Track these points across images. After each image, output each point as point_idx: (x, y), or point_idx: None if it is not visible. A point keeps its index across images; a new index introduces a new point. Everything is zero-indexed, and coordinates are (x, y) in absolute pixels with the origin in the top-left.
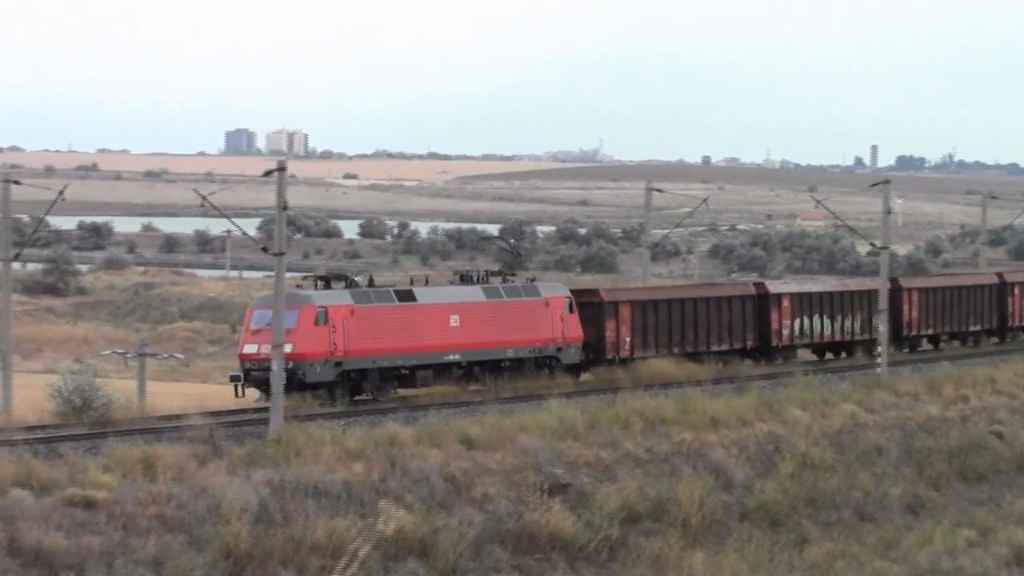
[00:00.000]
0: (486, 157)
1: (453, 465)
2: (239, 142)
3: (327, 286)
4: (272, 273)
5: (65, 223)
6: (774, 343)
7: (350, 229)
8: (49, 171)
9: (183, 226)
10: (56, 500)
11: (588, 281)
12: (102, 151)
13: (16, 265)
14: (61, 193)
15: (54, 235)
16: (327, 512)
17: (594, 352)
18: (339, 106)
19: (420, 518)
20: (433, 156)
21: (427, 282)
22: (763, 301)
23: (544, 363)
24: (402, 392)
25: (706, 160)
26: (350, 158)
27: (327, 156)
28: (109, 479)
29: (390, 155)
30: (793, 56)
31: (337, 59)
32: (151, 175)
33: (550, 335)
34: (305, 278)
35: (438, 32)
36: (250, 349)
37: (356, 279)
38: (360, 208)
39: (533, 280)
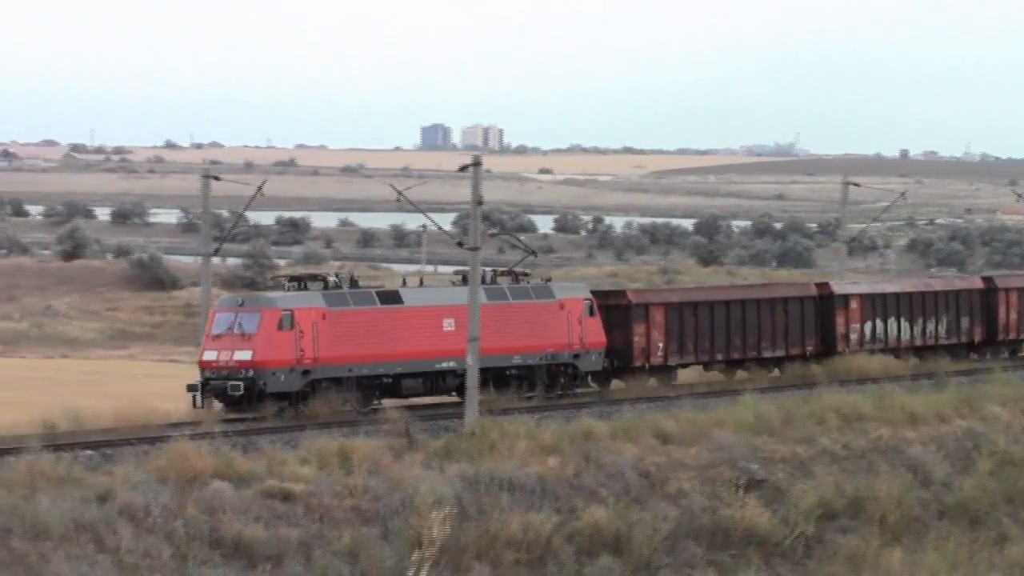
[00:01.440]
0: (681, 151)
1: (648, 460)
2: (435, 137)
3: (304, 287)
4: (467, 267)
5: (264, 218)
6: (839, 348)
7: (545, 224)
8: (248, 167)
9: (379, 221)
10: (255, 492)
11: (783, 276)
12: (300, 147)
13: (216, 260)
14: (260, 188)
15: (253, 230)
16: (521, 506)
17: (620, 359)
18: (534, 101)
19: (614, 513)
20: (628, 151)
21: (421, 283)
22: (827, 303)
23: (559, 371)
24: (390, 403)
25: (904, 154)
26: (545, 153)
27: (522, 151)
28: (307, 472)
29: (584, 150)
30: (994, 49)
31: (531, 54)
32: (348, 170)
33: (565, 340)
34: (273, 278)
35: (632, 27)
36: (209, 356)
37: (332, 279)
38: (554, 203)
39: (548, 280)
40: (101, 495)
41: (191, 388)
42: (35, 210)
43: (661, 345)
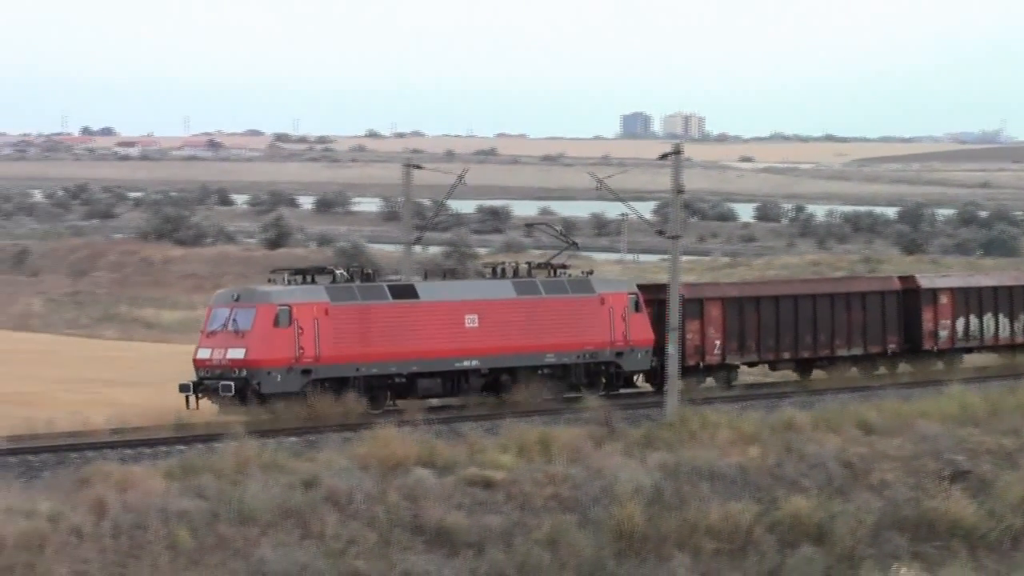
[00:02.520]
0: (884, 139)
1: (850, 450)
2: (635, 125)
3: (310, 281)
4: (667, 256)
5: (465, 207)
6: (927, 346)
7: (745, 212)
8: (449, 156)
9: (579, 209)
10: (456, 479)
11: (989, 266)
12: (501, 135)
13: (417, 248)
14: (461, 177)
15: (454, 219)
16: (722, 496)
17: None
18: (735, 89)
19: (816, 503)
20: (829, 138)
21: (445, 276)
22: (911, 297)
23: (599, 370)
24: (403, 404)
25: None
26: (746, 141)
27: (723, 139)
28: (507, 459)
29: (785, 138)
30: None
31: (733, 41)
32: (548, 159)
33: (607, 337)
34: (274, 271)
35: (834, 14)
36: (203, 354)
37: (340, 273)
38: (755, 191)
39: (590, 273)
40: (306, 481)
41: (183, 388)
42: (240, 199)
43: (718, 343)
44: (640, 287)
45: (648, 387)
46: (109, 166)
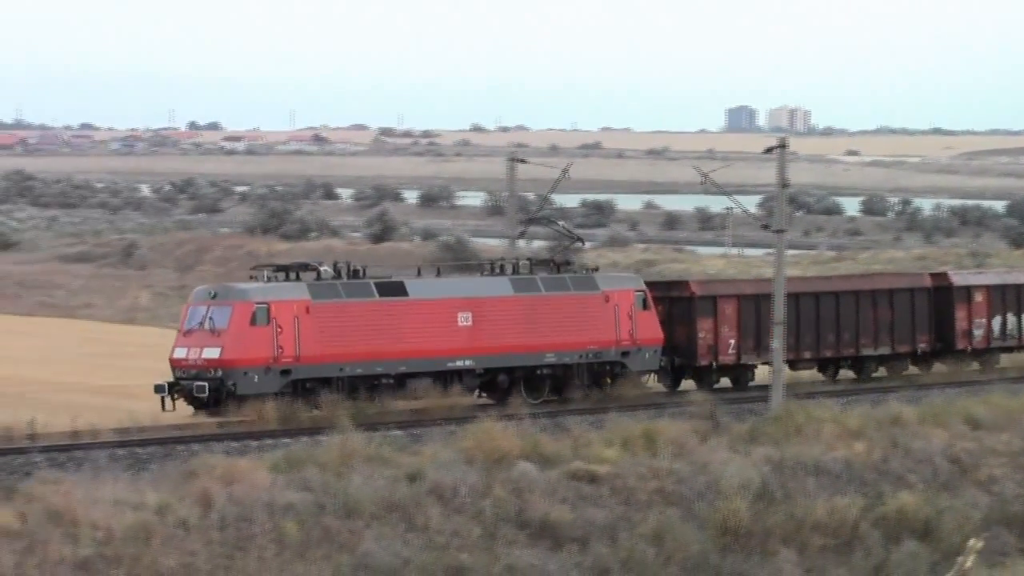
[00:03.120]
0: (993, 132)
1: (957, 446)
2: (740, 119)
3: (294, 278)
4: (772, 250)
5: (569, 201)
6: (960, 346)
7: (851, 206)
8: (553, 150)
9: (684, 203)
10: (561, 473)
11: None
12: (605, 129)
13: (521, 242)
14: (565, 171)
15: (558, 212)
16: (828, 491)
17: (682, 356)
18: (841, 82)
19: (923, 499)
20: (937, 131)
21: (438, 272)
22: (943, 295)
23: (603, 370)
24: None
25: None
26: (852, 134)
27: (828, 133)
28: (612, 453)
29: (892, 131)
30: None
31: (839, 34)
32: (652, 153)
33: (612, 336)
34: (255, 268)
35: (939, 8)
36: (179, 354)
37: (325, 269)
38: (861, 185)
39: (595, 269)
40: (411, 474)
41: (158, 389)
42: (345, 193)
43: (732, 342)
44: (650, 284)
45: (660, 387)
46: (215, 161)
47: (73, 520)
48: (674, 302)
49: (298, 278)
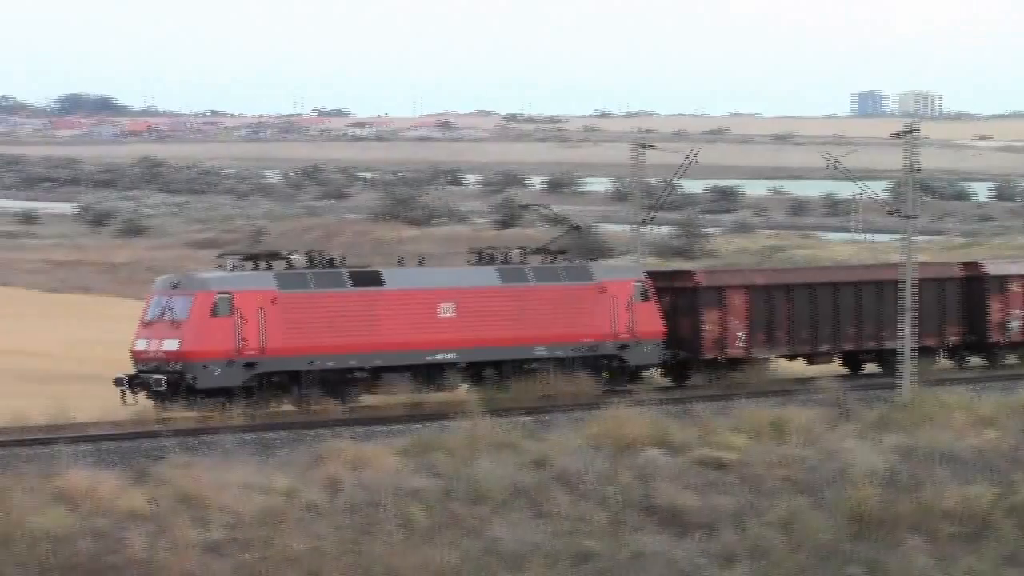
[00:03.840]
0: None
1: None
2: (868, 104)
3: (264, 267)
4: (902, 236)
5: (695, 186)
6: (994, 338)
7: (981, 192)
8: (679, 135)
9: (811, 189)
10: (688, 460)
11: None
12: (732, 115)
13: (647, 228)
14: (691, 157)
15: (684, 198)
16: (958, 479)
17: (687, 350)
18: (973, 65)
19: None
20: None
21: (421, 262)
22: (975, 286)
23: (599, 364)
24: (370, 400)
25: None
26: (983, 119)
27: (959, 117)
28: (739, 441)
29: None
30: None
31: (970, 16)
32: (779, 138)
33: (608, 329)
34: (220, 255)
35: None
36: (140, 345)
37: (296, 258)
38: (991, 170)
39: (592, 259)
40: (538, 460)
41: (118, 382)
42: (471, 179)
43: (742, 334)
44: (654, 274)
45: (665, 381)
46: (342, 147)
47: (203, 504)
48: (679, 293)
49: (269, 267)
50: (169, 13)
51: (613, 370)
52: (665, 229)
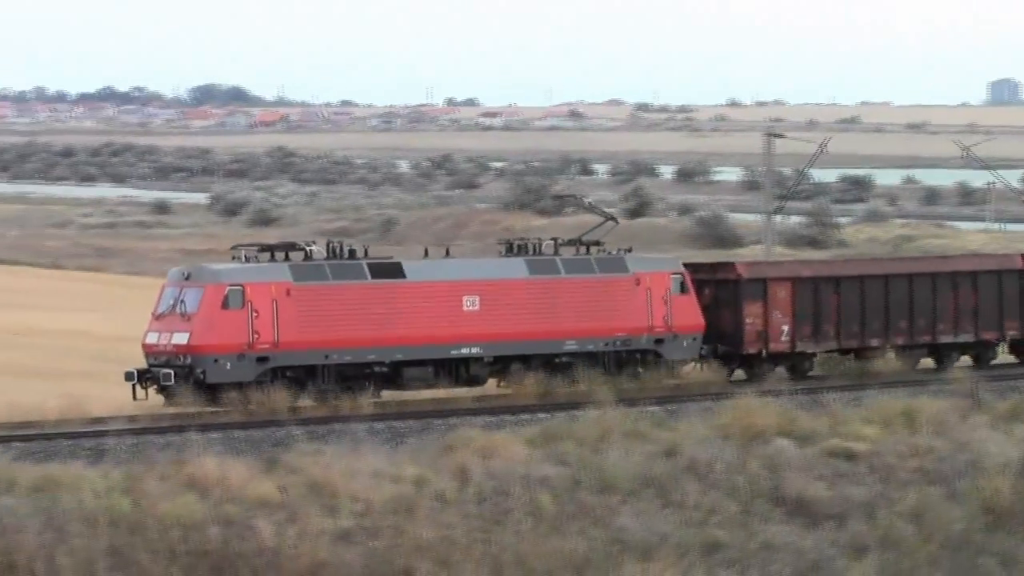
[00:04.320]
0: None
1: None
2: (1003, 92)
3: (283, 258)
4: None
5: (826, 176)
6: None
7: None
8: (811, 124)
9: (944, 178)
10: (817, 450)
11: None
12: (864, 104)
13: (778, 218)
14: (823, 146)
15: (815, 188)
16: None
17: (728, 344)
18: None
19: None
20: None
21: (447, 253)
22: None
23: (634, 359)
24: (389, 395)
25: None
26: None
27: None
28: (870, 431)
29: None
30: None
31: None
32: (912, 127)
33: (643, 322)
34: (235, 247)
35: None
36: (151, 339)
37: (313, 249)
38: None
39: (628, 250)
40: (667, 450)
41: (128, 377)
42: (601, 168)
43: (786, 328)
44: (694, 266)
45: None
46: (472, 136)
47: (333, 492)
48: (720, 285)
49: (287, 258)
50: (301, 4)
51: (648, 365)
52: (796, 219)
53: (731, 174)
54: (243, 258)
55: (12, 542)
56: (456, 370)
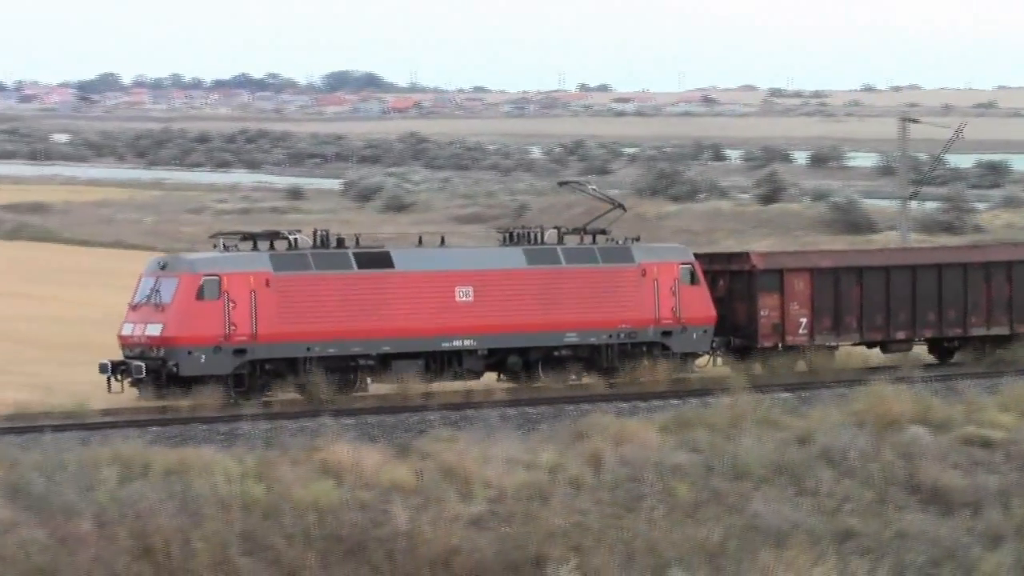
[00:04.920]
0: None
1: None
2: None
3: (271, 248)
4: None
5: (962, 161)
6: None
7: None
8: (946, 109)
9: None
10: (952, 438)
11: None
12: (1001, 88)
13: (913, 203)
14: (959, 131)
15: (951, 173)
16: None
17: (742, 337)
18: None
19: None
20: None
21: (443, 241)
22: None
23: (640, 352)
24: (379, 388)
25: None
26: None
27: None
28: (1007, 419)
29: None
30: None
31: None
32: None
33: (649, 314)
34: (214, 235)
35: None
36: (126, 330)
37: (296, 238)
38: None
39: (636, 239)
40: (800, 438)
41: (102, 369)
42: (734, 154)
43: (805, 320)
44: (708, 256)
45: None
46: (604, 122)
47: (466, 478)
48: (734, 276)
49: (272, 247)
50: None
51: (654, 358)
52: (931, 204)
53: (866, 159)
54: (222, 246)
55: (148, 525)
56: (449, 363)
